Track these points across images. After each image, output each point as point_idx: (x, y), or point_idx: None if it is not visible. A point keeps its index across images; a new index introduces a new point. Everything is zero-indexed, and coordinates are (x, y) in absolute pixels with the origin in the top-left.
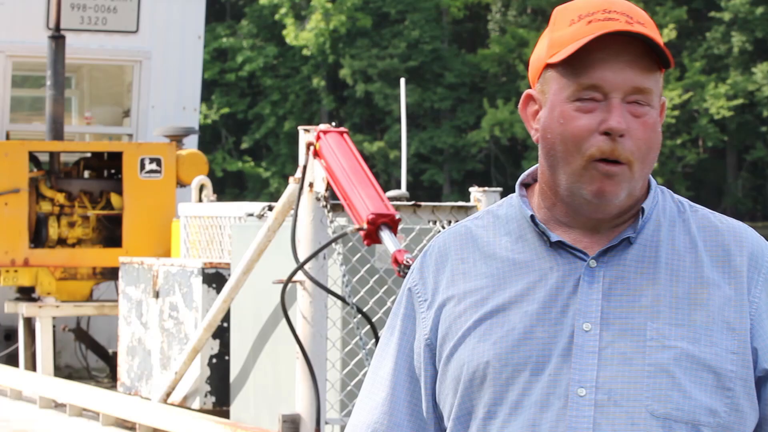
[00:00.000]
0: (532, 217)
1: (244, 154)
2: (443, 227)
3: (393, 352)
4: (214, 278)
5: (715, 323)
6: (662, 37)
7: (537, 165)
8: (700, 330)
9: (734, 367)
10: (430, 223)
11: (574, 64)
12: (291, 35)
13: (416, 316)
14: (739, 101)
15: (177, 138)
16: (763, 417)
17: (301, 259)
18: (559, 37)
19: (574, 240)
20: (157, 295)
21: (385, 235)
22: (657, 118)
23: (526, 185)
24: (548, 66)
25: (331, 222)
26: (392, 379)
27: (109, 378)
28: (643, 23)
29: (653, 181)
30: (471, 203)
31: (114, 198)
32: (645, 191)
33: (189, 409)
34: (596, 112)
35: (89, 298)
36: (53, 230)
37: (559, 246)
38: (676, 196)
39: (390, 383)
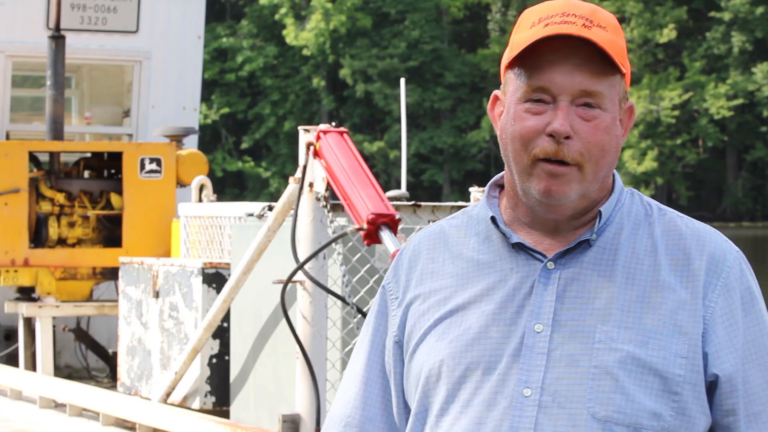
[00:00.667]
0: (493, 218)
1: (244, 154)
2: None
3: (366, 348)
4: (214, 278)
5: (665, 327)
6: (662, 37)
7: None
8: (649, 333)
9: (683, 371)
10: (430, 223)
11: (526, 66)
12: (291, 35)
13: (388, 314)
14: (739, 101)
15: (177, 138)
16: (714, 422)
17: (301, 259)
18: (517, 40)
19: (535, 242)
20: (157, 295)
21: (385, 235)
22: (612, 121)
23: (502, 186)
24: (507, 68)
25: (331, 222)
26: (365, 374)
27: (109, 378)
28: (604, 27)
29: (619, 184)
30: (471, 203)
31: (114, 198)
32: (607, 193)
33: (189, 409)
34: (545, 114)
35: (89, 298)
36: (53, 230)
37: (520, 247)
38: (647, 198)
39: (363, 378)
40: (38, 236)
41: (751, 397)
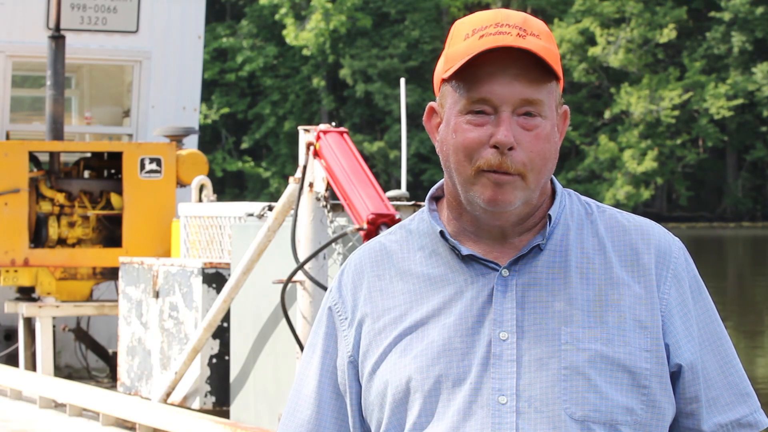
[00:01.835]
0: (442, 232)
1: (244, 154)
2: None
3: (316, 370)
4: (214, 278)
5: (627, 322)
6: (662, 37)
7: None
8: (613, 330)
9: (648, 364)
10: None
11: (465, 78)
12: (291, 35)
13: (338, 335)
14: (739, 101)
15: (177, 138)
16: (678, 409)
17: (301, 259)
18: (452, 53)
19: (485, 251)
20: (157, 295)
21: None
22: (551, 128)
23: (437, 198)
24: (444, 81)
25: (331, 222)
26: (317, 397)
27: (109, 378)
28: (537, 35)
29: (558, 186)
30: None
31: (114, 198)
32: (550, 197)
33: (189, 409)
34: (487, 126)
35: (89, 298)
36: (53, 230)
37: (471, 258)
38: (583, 198)
39: (315, 401)
40: (38, 236)
41: (709, 382)
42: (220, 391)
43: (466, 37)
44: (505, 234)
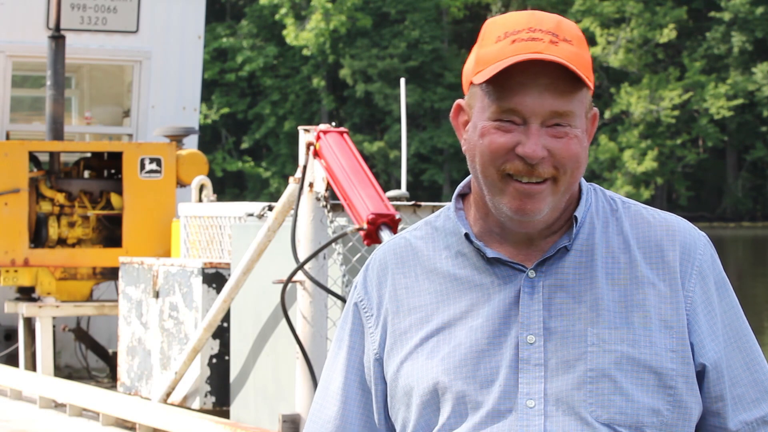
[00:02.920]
0: (467, 235)
1: (244, 154)
2: None
3: (342, 366)
4: (214, 278)
5: (652, 323)
6: (662, 37)
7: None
8: (639, 331)
9: (674, 365)
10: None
11: (495, 86)
12: (291, 35)
13: (365, 331)
14: (739, 101)
15: (177, 138)
16: (705, 408)
17: (301, 259)
18: (484, 55)
19: (511, 253)
20: (157, 295)
21: (385, 235)
22: (581, 133)
23: (464, 195)
24: (473, 83)
25: (331, 222)
26: (343, 393)
27: (109, 378)
28: (569, 40)
29: (584, 184)
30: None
31: (114, 198)
32: (575, 198)
33: (189, 409)
34: (514, 132)
35: (89, 298)
36: (53, 230)
37: (497, 261)
38: (608, 193)
39: (341, 397)
40: (38, 236)
41: (734, 380)
42: (220, 391)
43: (498, 40)
44: (532, 237)
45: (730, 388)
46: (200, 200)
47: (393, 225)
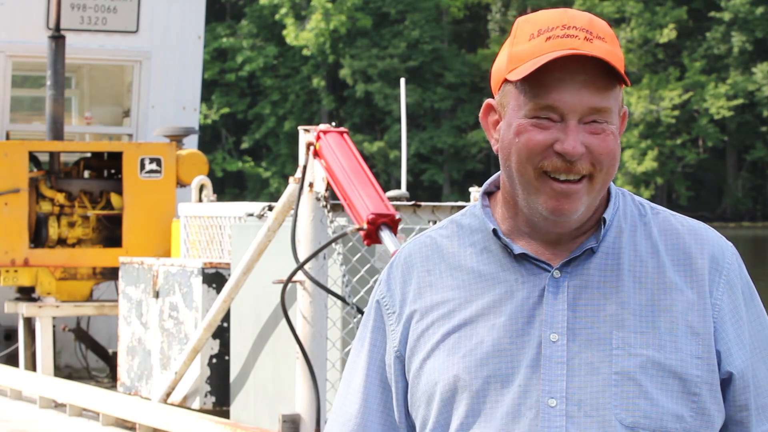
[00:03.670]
0: (495, 230)
1: (244, 154)
2: None
3: (364, 364)
4: (214, 278)
5: (679, 329)
6: (662, 37)
7: (499, 173)
8: (665, 336)
9: (699, 371)
10: (430, 223)
11: (531, 83)
12: (291, 35)
13: (386, 329)
14: (739, 101)
15: (177, 138)
16: (728, 417)
17: (301, 259)
18: (517, 53)
19: (538, 251)
20: (157, 295)
21: (385, 235)
22: (616, 131)
23: (490, 193)
24: (506, 80)
25: (331, 222)
26: (364, 391)
27: (109, 378)
28: (603, 38)
29: (613, 187)
30: (471, 203)
31: (114, 198)
32: (605, 199)
33: (189, 409)
34: (552, 130)
35: (89, 298)
36: (53, 230)
37: (523, 258)
38: (637, 198)
39: (362, 395)
40: (38, 236)
41: (759, 390)
42: (220, 391)
43: (532, 38)
44: (560, 236)
45: (755, 398)
46: (200, 200)
47: (393, 225)
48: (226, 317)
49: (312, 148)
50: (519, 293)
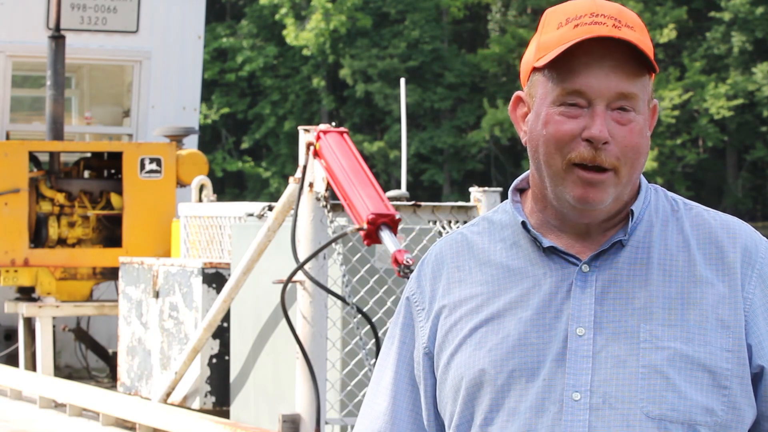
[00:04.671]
0: (524, 223)
1: (244, 154)
2: (443, 227)
3: (393, 361)
4: (214, 278)
5: (708, 322)
6: (662, 36)
7: (529, 171)
8: (694, 329)
9: (729, 365)
10: (430, 223)
11: (559, 68)
12: (291, 35)
13: (415, 325)
14: (739, 101)
15: (177, 138)
16: (760, 413)
17: (301, 259)
18: (546, 41)
19: (567, 245)
20: (157, 295)
21: (385, 235)
22: (644, 123)
23: (521, 190)
24: (535, 69)
25: (331, 222)
26: (393, 389)
27: (109, 378)
28: (632, 26)
29: (644, 182)
30: (471, 203)
31: (114, 198)
32: (635, 193)
33: (189, 409)
34: (580, 119)
35: (89, 298)
36: (53, 230)
37: (552, 251)
38: (670, 194)
39: (391, 393)
40: (38, 236)
41: None
42: (220, 391)
43: (560, 26)
44: (590, 230)
45: None
46: (200, 200)
47: (393, 225)
48: (226, 317)
49: (312, 148)
50: (546, 287)
